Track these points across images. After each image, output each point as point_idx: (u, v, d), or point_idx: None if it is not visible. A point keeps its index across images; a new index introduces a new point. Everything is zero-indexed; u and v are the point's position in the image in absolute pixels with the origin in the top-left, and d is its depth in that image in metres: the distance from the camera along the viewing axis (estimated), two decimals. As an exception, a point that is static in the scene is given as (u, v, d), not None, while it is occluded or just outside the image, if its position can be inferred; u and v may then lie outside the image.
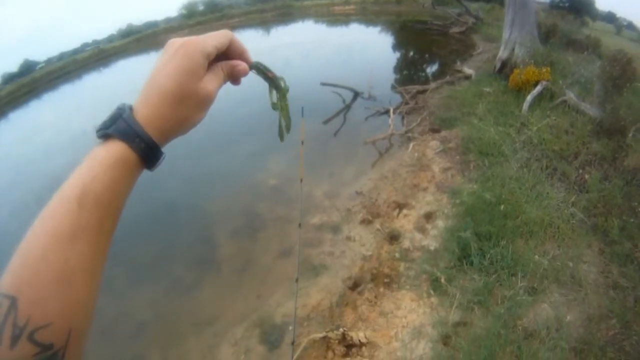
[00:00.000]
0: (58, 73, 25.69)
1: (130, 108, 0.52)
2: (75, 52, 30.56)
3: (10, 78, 26.33)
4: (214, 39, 0.56)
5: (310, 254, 4.68)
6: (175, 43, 0.54)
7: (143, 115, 0.51)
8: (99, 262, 0.47)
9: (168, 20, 34.58)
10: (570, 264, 3.93)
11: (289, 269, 4.55)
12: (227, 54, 0.60)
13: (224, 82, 0.60)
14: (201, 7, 34.63)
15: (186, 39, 0.54)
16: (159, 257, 5.33)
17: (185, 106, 0.54)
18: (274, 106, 0.69)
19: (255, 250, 5.12)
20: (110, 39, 32.73)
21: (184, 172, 7.06)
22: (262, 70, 0.66)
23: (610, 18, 21.43)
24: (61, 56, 29.96)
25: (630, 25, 20.02)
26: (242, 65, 0.61)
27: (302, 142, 0.81)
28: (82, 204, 0.45)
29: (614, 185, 4.87)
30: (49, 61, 29.41)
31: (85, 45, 32.23)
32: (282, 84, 0.68)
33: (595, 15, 20.54)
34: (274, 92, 0.68)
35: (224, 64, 0.59)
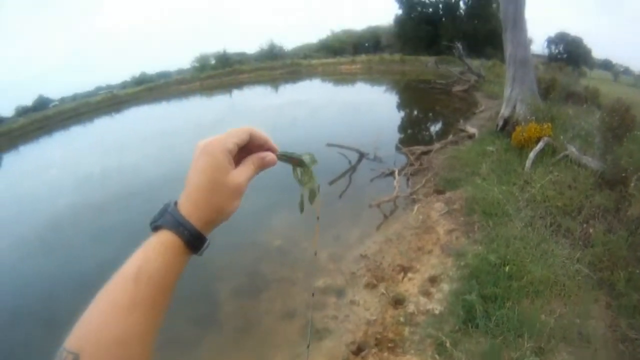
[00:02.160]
0: (70, 113, 26.63)
1: (175, 203, 0.62)
2: (89, 94, 31.83)
3: (24, 111, 27.40)
4: (233, 136, 0.64)
5: (314, 317, 4.65)
6: (200, 144, 0.64)
7: (185, 208, 0.60)
8: (151, 332, 0.55)
9: (180, 71, 35.83)
10: (578, 321, 3.89)
11: (291, 332, 4.51)
12: (250, 145, 0.68)
13: (255, 173, 0.69)
14: (213, 61, 35.85)
15: (209, 139, 0.64)
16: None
17: (219, 197, 0.63)
18: (300, 182, 0.78)
19: (258, 311, 5.04)
20: (124, 85, 33.97)
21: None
22: (287, 158, 0.75)
23: (607, 65, 21.93)
24: (75, 97, 31.21)
25: (627, 71, 20.44)
26: (271, 156, 0.70)
27: (318, 218, 0.92)
28: (137, 282, 0.53)
29: (619, 237, 4.87)
30: (62, 100, 30.68)
31: (99, 88, 33.63)
32: (308, 159, 0.77)
33: (592, 63, 21.01)
34: (298, 169, 0.78)
35: (254, 157, 0.68)
